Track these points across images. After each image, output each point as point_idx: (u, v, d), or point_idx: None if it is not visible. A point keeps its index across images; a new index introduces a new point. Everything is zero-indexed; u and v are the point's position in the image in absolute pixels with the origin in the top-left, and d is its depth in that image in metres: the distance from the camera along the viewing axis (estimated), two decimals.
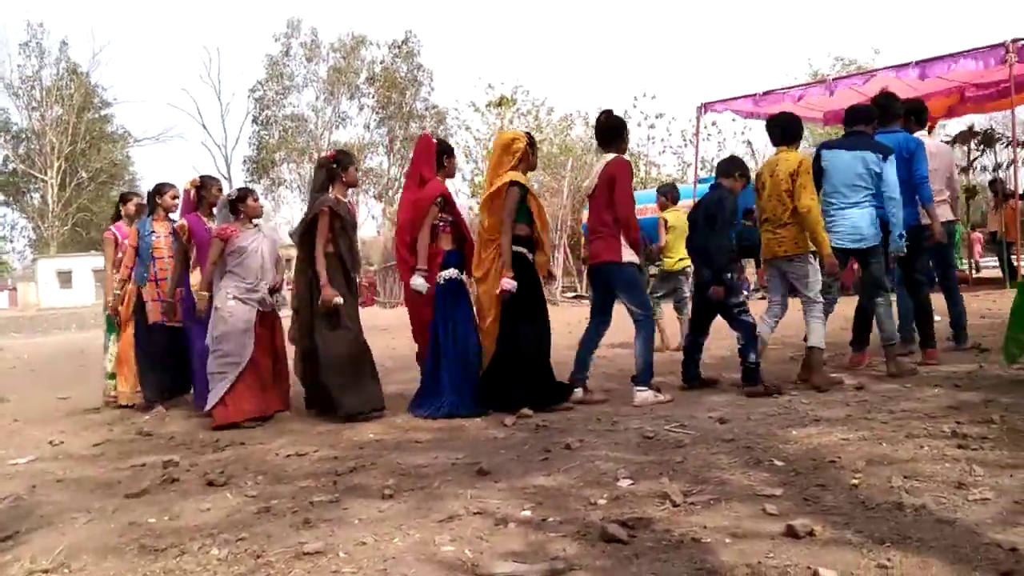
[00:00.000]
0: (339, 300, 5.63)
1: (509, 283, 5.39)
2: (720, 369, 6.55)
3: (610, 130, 5.69)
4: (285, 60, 48.05)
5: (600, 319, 5.86)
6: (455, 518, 3.17)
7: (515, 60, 73.22)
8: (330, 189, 5.90)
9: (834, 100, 12.98)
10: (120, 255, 7.13)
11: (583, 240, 21.70)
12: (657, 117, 29.39)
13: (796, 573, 2.42)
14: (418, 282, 5.57)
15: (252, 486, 3.92)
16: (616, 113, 5.81)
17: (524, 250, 5.57)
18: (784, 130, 5.86)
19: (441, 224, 5.73)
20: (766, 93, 13.92)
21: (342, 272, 5.83)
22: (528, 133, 5.83)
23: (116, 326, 7.12)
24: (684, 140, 31.47)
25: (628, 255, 5.50)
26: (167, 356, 6.70)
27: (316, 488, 3.79)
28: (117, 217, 7.53)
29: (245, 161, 49.65)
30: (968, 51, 11.39)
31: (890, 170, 5.76)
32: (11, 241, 60.54)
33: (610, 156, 5.61)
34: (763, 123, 6.22)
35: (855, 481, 3.26)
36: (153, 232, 6.89)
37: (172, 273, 6.50)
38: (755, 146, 32.79)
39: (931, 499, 2.98)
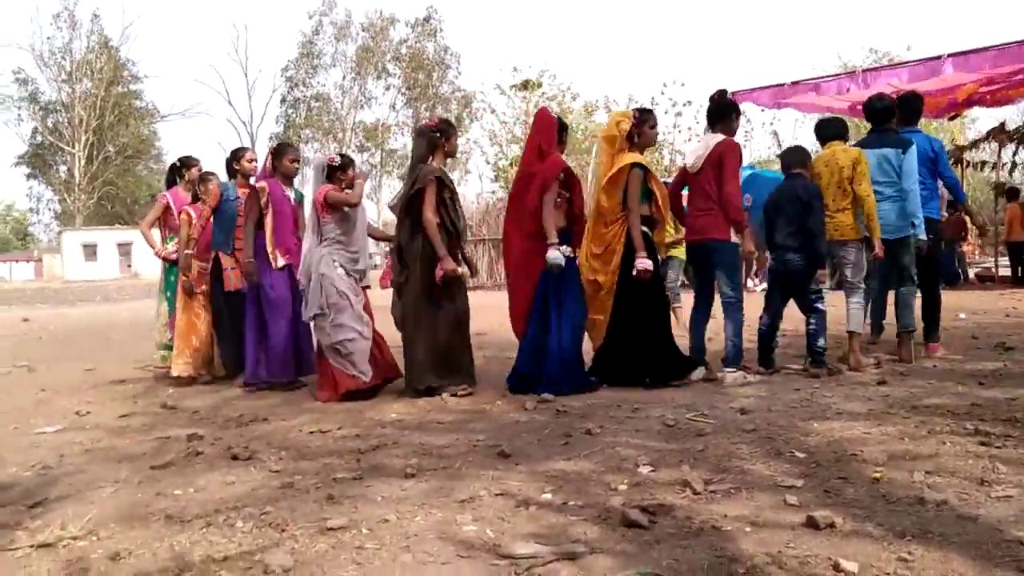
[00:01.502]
0: (461, 270, 5.68)
1: (644, 263, 5.51)
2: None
3: (721, 109, 5.86)
4: (315, 39, 48.17)
5: (705, 300, 6.05)
6: (476, 499, 3.20)
7: (542, 44, 72.90)
8: (431, 159, 5.80)
9: (862, 91, 12.85)
10: (177, 223, 6.97)
11: None
12: (685, 104, 29.03)
13: (816, 564, 2.42)
14: (554, 255, 5.47)
15: (276, 461, 3.97)
16: (729, 95, 5.97)
17: (646, 228, 5.66)
18: (835, 128, 6.23)
19: (558, 200, 5.66)
20: (794, 83, 13.80)
21: (448, 244, 5.73)
22: (637, 110, 5.87)
23: (170, 297, 7.01)
24: None
25: (734, 236, 5.68)
26: (241, 325, 6.54)
27: (339, 465, 3.83)
28: (171, 184, 7.40)
29: (271, 137, 49.84)
30: (1000, 45, 11.23)
31: (908, 163, 6.06)
32: (37, 213, 61.30)
33: (719, 136, 5.77)
34: (790, 113, 6.49)
35: (877, 475, 3.26)
36: (238, 198, 6.70)
37: (247, 235, 6.22)
38: (781, 137, 32.52)
39: (953, 495, 2.98)
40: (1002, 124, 15.35)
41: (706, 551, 2.55)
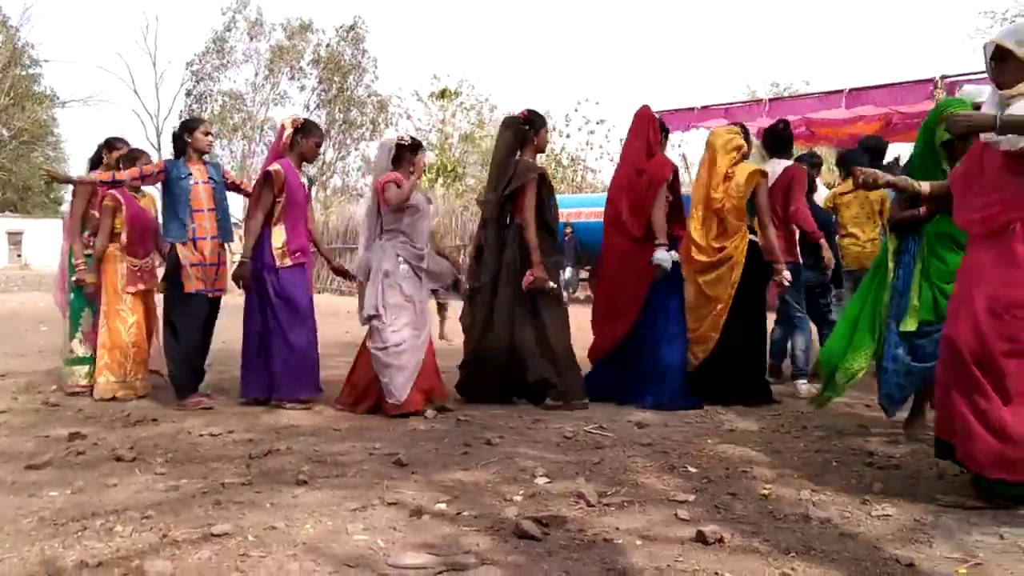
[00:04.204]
0: (551, 285, 5.24)
1: (787, 273, 5.49)
2: None
3: (784, 139, 6.23)
4: (226, 35, 47.04)
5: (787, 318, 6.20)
6: (369, 507, 3.14)
7: (461, 54, 72.87)
8: (518, 153, 5.43)
9: (767, 120, 13.28)
10: (92, 212, 5.94)
11: None
12: (598, 123, 29.38)
13: None
14: (662, 256, 5.22)
15: (162, 464, 3.82)
16: (782, 126, 6.30)
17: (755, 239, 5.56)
18: (857, 159, 6.58)
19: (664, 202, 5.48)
20: (704, 108, 14.16)
21: (544, 247, 5.33)
22: (740, 124, 5.86)
23: (87, 298, 5.86)
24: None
25: (791, 256, 5.85)
26: (205, 335, 5.64)
27: (228, 470, 3.71)
28: (95, 167, 6.17)
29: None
30: (897, 83, 11.75)
31: None
32: None
33: (786, 162, 6.14)
34: (700, 136, 6.67)
35: (765, 492, 3.34)
36: (190, 175, 5.51)
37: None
38: (690, 159, 33.23)
39: (836, 513, 3.07)
40: (896, 159, 16.01)
41: (596, 564, 2.56)
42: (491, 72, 69.32)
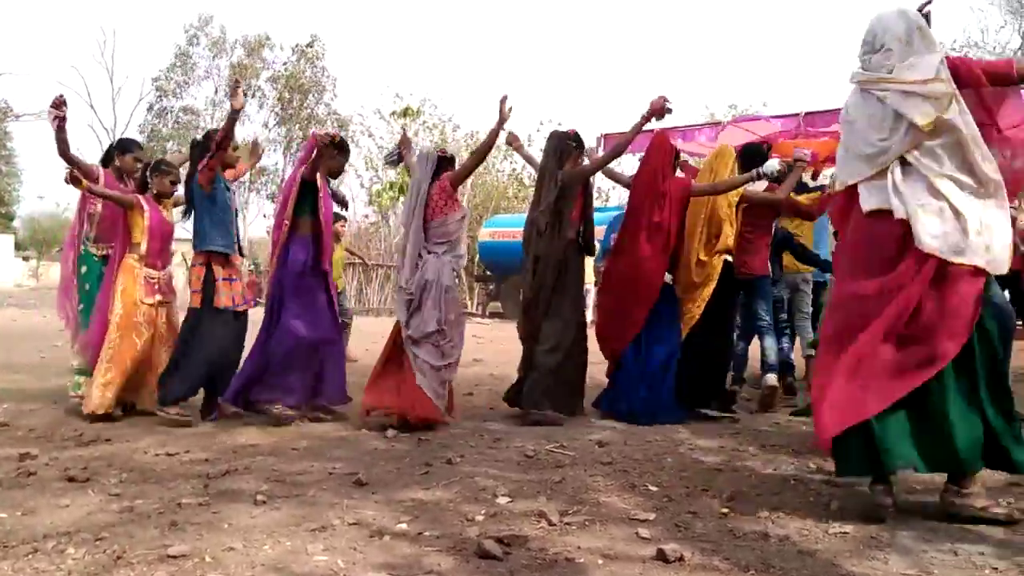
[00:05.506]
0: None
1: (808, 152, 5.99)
2: None
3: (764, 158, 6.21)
4: (190, 49, 46.69)
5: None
6: (329, 528, 3.11)
7: (423, 73, 73.02)
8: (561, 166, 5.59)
9: (724, 139, 13.46)
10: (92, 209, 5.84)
11: (477, 258, 21.73)
12: None
13: None
14: (771, 163, 5.72)
15: (116, 484, 3.74)
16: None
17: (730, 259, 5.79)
18: None
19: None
20: (663, 130, 14.31)
21: (581, 259, 5.69)
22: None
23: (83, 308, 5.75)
24: None
25: (765, 270, 6.11)
26: (234, 354, 5.51)
27: (185, 490, 3.65)
28: (105, 166, 5.97)
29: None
30: None
31: None
32: None
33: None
34: None
35: (725, 510, 3.37)
36: (228, 189, 5.53)
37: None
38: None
39: (795, 530, 3.11)
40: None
41: None
42: (453, 92, 69.58)
